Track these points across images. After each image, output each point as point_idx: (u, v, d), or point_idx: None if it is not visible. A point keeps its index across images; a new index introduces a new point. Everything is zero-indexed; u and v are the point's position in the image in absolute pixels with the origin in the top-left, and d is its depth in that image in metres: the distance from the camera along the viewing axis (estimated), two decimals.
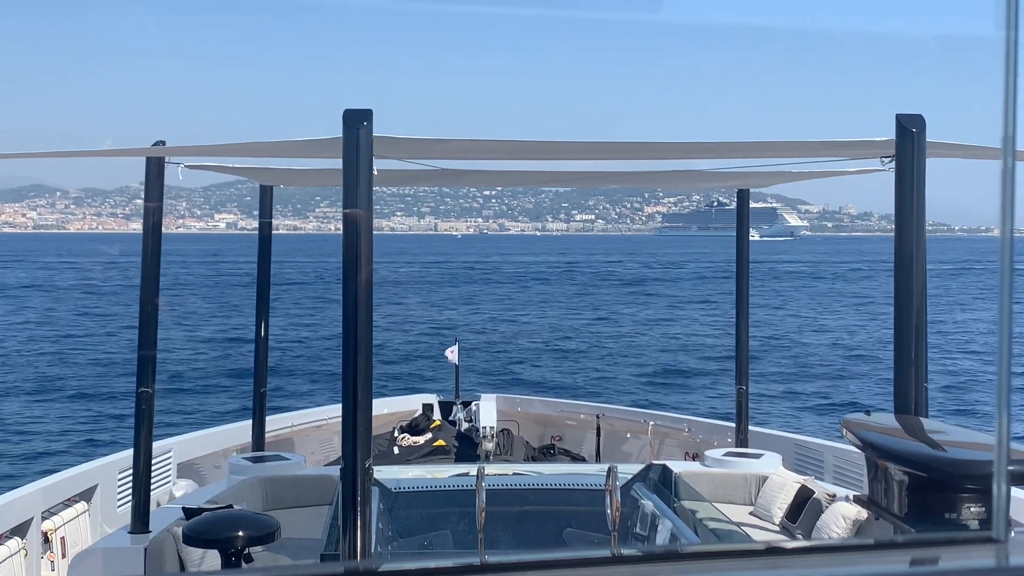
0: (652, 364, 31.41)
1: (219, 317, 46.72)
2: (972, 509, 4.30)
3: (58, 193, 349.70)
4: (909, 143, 5.37)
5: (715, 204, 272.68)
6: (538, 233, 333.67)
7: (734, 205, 8.75)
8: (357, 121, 4.79)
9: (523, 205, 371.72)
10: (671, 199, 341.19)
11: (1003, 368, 1.19)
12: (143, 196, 6.66)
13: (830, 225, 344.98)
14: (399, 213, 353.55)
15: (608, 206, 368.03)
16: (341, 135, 4.80)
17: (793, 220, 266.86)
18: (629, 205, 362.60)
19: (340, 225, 4.73)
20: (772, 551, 1.20)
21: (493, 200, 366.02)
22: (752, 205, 8.86)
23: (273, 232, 8.81)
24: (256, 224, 8.89)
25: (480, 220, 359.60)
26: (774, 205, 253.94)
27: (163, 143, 6.58)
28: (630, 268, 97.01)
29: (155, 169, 6.60)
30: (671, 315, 48.78)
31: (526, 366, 31.27)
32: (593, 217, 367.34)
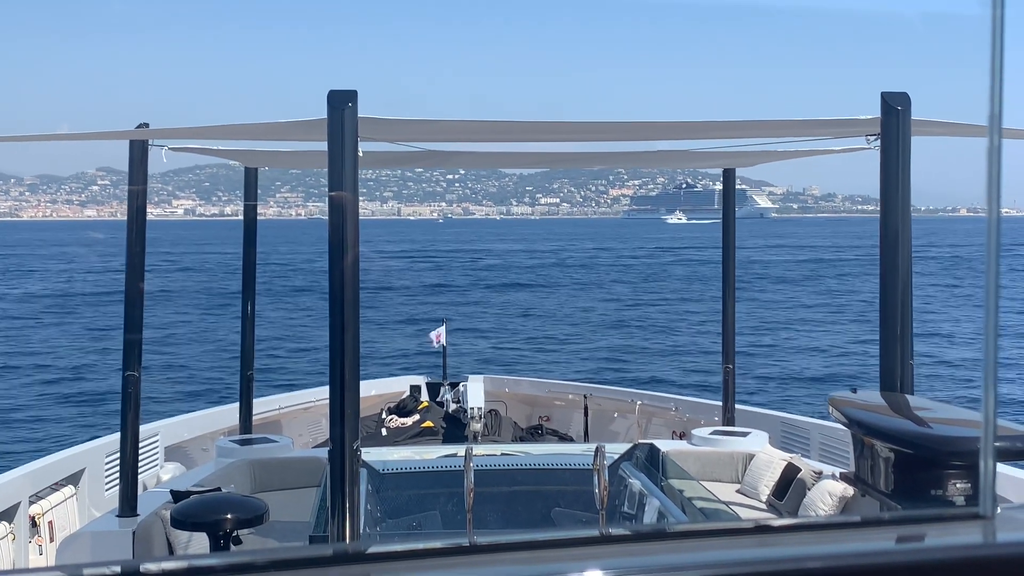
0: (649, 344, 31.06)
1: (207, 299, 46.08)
2: (958, 486, 4.36)
3: (12, 180, 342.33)
4: (894, 121, 5.36)
5: (683, 186, 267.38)
6: (501, 217, 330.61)
7: (701, 187, 8.80)
8: (342, 102, 4.75)
9: (487, 189, 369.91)
10: (636, 181, 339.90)
11: (989, 344, 1.19)
12: (97, 182, 6.59)
13: (795, 207, 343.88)
14: (361, 198, 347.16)
15: (573, 189, 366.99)
16: (326, 116, 4.76)
17: (763, 202, 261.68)
18: (594, 188, 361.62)
19: (301, 211, 4.70)
20: (759, 529, 1.21)
21: (457, 184, 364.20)
22: (719, 187, 8.86)
23: (230, 217, 8.69)
24: (215, 211, 8.84)
25: (444, 204, 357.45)
26: (743, 187, 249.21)
27: (146, 125, 6.50)
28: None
29: (138, 153, 6.53)
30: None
31: (514, 348, 30.91)
32: (558, 200, 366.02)
